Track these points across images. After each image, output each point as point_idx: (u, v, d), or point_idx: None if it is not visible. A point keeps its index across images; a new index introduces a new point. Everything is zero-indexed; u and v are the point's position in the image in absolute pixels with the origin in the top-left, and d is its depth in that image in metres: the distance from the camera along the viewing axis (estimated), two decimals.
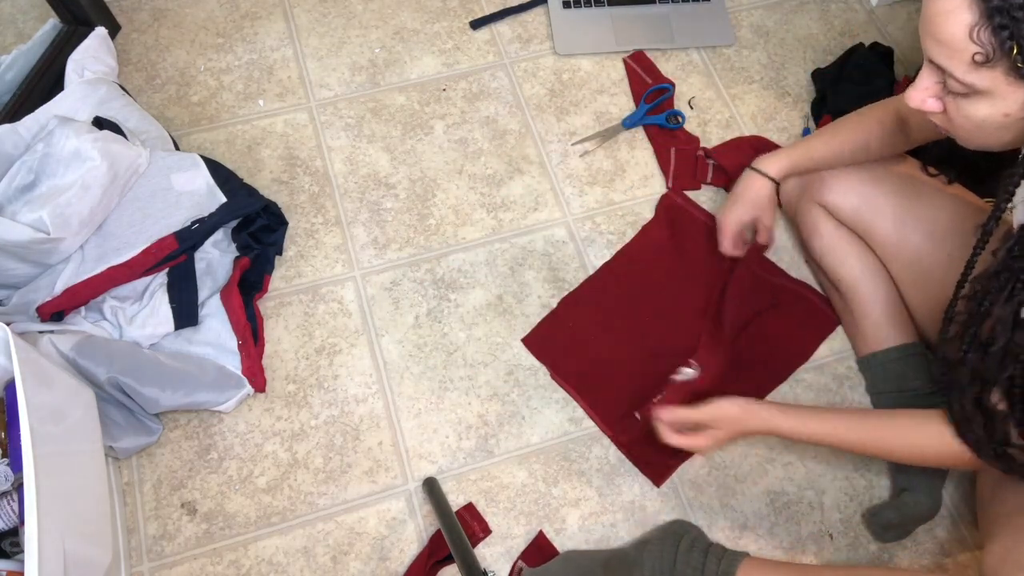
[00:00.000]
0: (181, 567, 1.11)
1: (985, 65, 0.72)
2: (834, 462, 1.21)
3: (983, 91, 0.74)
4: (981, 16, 0.69)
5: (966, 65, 0.73)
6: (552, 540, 1.14)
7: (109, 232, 1.21)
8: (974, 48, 0.71)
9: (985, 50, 0.70)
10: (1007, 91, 0.73)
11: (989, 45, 0.70)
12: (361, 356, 1.25)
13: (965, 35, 0.71)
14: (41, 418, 0.88)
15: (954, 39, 0.72)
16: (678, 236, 1.36)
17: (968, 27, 0.70)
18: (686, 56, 1.56)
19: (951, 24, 0.71)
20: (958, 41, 0.72)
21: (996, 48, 0.70)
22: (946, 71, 0.75)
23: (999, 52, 0.70)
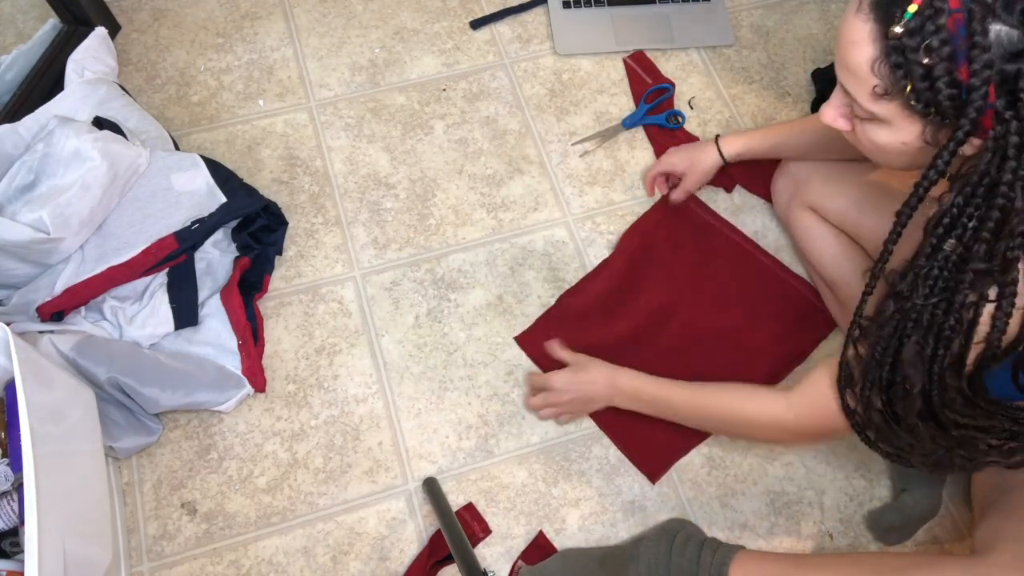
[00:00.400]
0: (181, 567, 1.11)
1: (884, 97, 0.73)
2: (834, 462, 1.21)
3: (883, 119, 0.76)
4: (881, 52, 0.70)
5: (867, 94, 0.74)
6: (552, 540, 1.14)
7: (109, 232, 1.21)
8: (874, 80, 0.72)
9: (884, 83, 0.72)
10: (903, 123, 0.74)
11: (887, 79, 0.71)
12: (361, 356, 1.25)
13: (867, 67, 0.72)
14: (41, 418, 0.88)
15: (858, 68, 0.73)
16: (675, 234, 1.35)
17: (870, 60, 0.71)
18: (686, 56, 1.56)
19: (855, 54, 0.73)
20: (861, 71, 0.73)
21: (893, 83, 0.71)
22: (851, 96, 0.77)
23: (895, 87, 0.71)
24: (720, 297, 1.30)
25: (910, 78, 0.69)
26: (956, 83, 0.66)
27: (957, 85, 0.66)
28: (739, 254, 1.34)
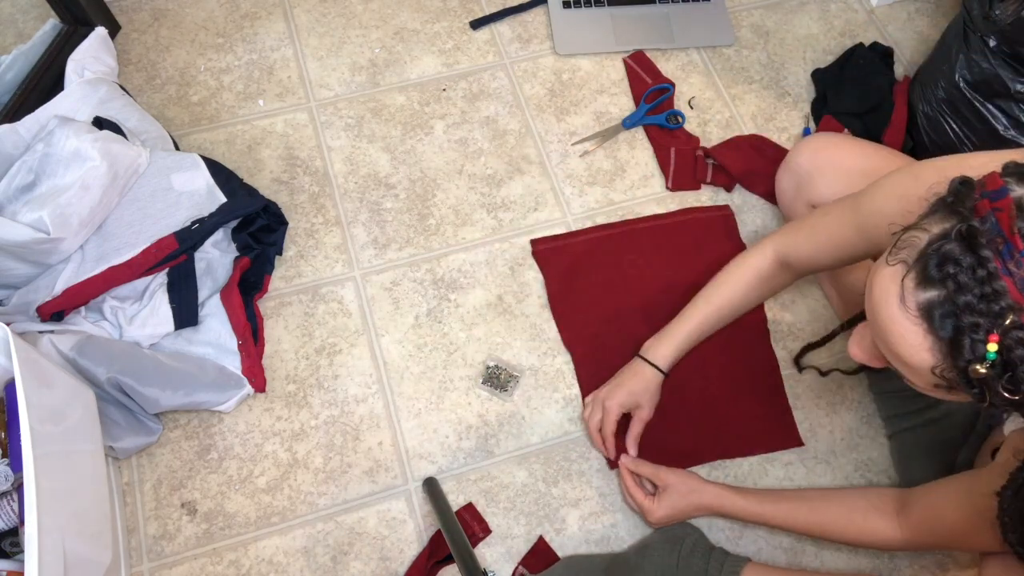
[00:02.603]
0: (181, 567, 1.11)
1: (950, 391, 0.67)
2: (834, 462, 1.21)
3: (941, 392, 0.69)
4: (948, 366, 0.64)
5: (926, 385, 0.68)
6: (552, 540, 1.14)
7: (109, 232, 1.21)
8: (937, 380, 0.66)
9: (950, 384, 0.65)
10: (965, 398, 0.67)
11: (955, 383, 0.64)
12: (361, 356, 1.25)
13: (927, 369, 0.65)
14: (41, 418, 0.88)
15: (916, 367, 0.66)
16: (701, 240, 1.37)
17: (930, 366, 0.65)
18: (686, 56, 1.56)
19: (910, 354, 0.66)
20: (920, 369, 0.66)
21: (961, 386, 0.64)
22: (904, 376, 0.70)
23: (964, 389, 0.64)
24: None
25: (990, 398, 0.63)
26: None
27: None
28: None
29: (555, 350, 1.27)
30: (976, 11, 1.24)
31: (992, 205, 0.61)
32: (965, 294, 0.60)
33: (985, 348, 0.60)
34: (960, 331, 0.61)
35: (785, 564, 1.13)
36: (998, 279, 0.59)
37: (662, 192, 1.41)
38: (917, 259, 0.64)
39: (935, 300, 0.62)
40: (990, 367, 0.60)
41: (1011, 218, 0.60)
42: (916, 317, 0.64)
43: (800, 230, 1.04)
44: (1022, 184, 0.62)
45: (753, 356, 1.28)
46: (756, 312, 1.31)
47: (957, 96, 1.31)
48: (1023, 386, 0.60)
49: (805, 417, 1.24)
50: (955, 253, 0.61)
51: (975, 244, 0.60)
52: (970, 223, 0.61)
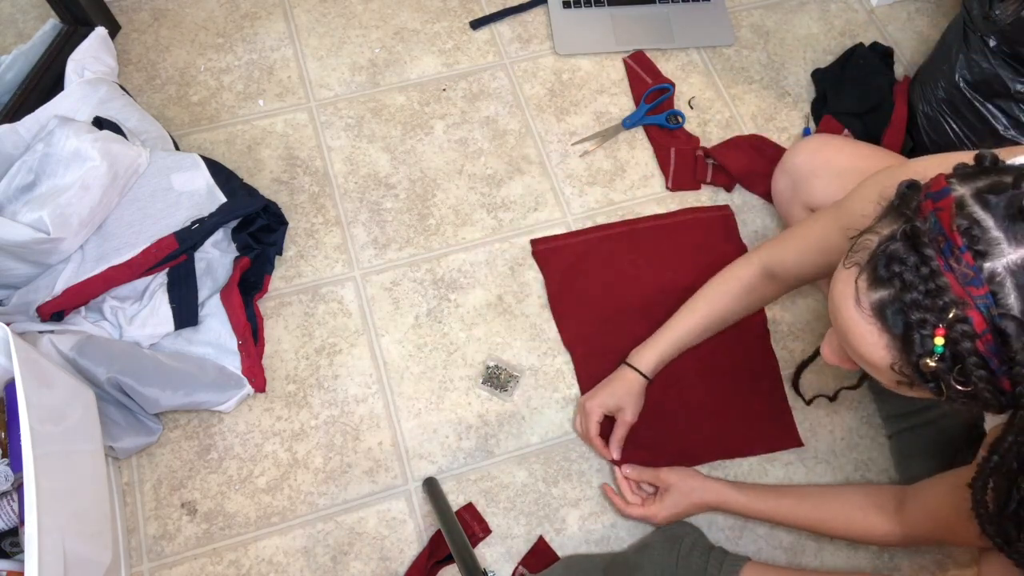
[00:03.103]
0: (181, 567, 1.11)
1: (912, 387, 0.69)
2: (834, 462, 1.21)
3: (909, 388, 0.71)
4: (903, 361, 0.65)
5: (889, 381, 0.70)
6: (552, 540, 1.14)
7: (109, 232, 1.21)
8: (898, 376, 0.68)
9: (910, 380, 0.67)
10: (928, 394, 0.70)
11: (914, 379, 0.66)
12: (361, 356, 1.25)
13: (887, 365, 0.67)
14: (41, 418, 0.88)
15: (875, 363, 0.68)
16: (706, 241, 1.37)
17: (890, 362, 0.67)
18: (686, 56, 1.56)
19: (869, 352, 0.68)
20: (879, 366, 0.68)
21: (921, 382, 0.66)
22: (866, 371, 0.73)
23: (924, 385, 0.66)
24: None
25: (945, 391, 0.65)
26: (1000, 391, 0.63)
27: (1001, 392, 0.63)
28: None
29: (555, 350, 1.27)
30: (976, 11, 1.24)
31: (935, 205, 0.63)
32: (911, 291, 0.62)
33: (933, 342, 0.62)
34: (910, 327, 0.63)
35: (785, 563, 1.13)
36: (940, 276, 0.61)
37: (662, 192, 1.41)
38: (868, 260, 0.66)
39: (886, 299, 0.65)
40: (939, 360, 0.62)
41: (951, 216, 0.62)
42: (870, 316, 0.66)
43: (786, 239, 1.05)
44: (964, 184, 0.64)
45: (753, 356, 1.28)
46: (756, 313, 1.31)
47: (957, 96, 1.31)
48: (972, 377, 0.62)
49: (805, 417, 1.24)
50: (900, 253, 0.63)
51: (918, 243, 0.62)
52: (913, 223, 0.63)
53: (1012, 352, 0.60)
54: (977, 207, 0.62)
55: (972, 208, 0.62)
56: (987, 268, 0.60)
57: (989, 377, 0.62)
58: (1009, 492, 0.70)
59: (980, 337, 0.61)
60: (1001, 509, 0.71)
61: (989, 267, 0.60)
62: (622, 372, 1.15)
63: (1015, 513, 0.70)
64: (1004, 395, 0.63)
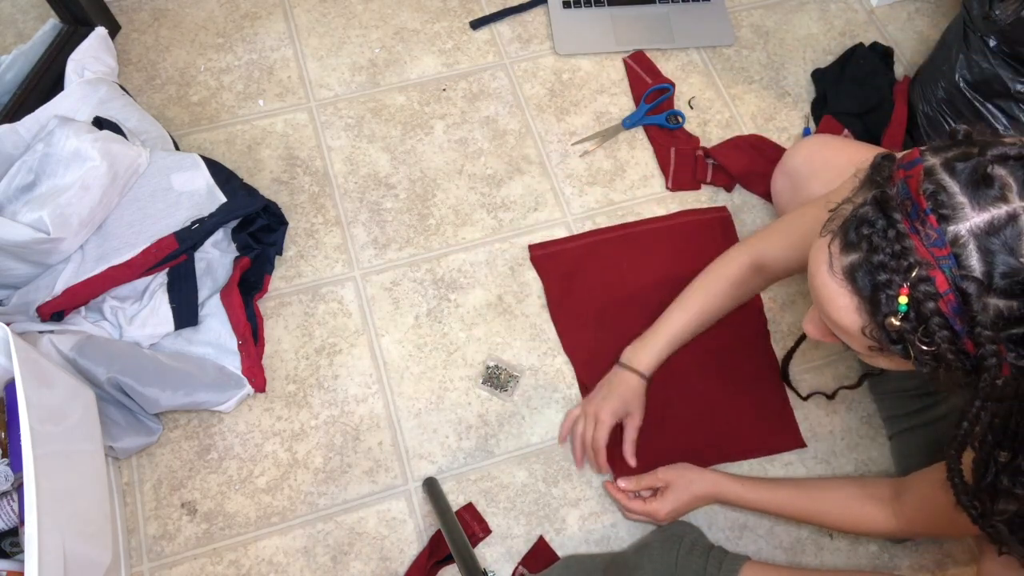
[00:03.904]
0: (181, 567, 1.11)
1: (882, 351, 0.71)
2: (834, 462, 1.21)
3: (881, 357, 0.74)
4: (872, 323, 0.68)
5: (862, 348, 0.72)
6: (552, 540, 1.14)
7: (109, 232, 1.21)
8: (869, 341, 0.70)
9: (880, 343, 0.69)
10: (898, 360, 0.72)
11: (884, 343, 0.68)
12: (361, 356, 1.25)
13: (858, 330, 0.69)
14: (41, 418, 0.88)
15: (848, 328, 0.71)
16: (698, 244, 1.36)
17: (861, 326, 0.69)
18: (686, 56, 1.56)
19: (842, 316, 0.70)
20: (851, 331, 0.70)
21: (891, 346, 0.68)
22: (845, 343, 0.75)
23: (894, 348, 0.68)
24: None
25: (912, 353, 0.67)
26: (963, 352, 0.64)
27: (965, 353, 0.65)
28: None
29: (555, 350, 1.27)
30: (976, 11, 1.24)
31: (906, 173, 0.66)
32: (878, 253, 0.65)
33: (897, 301, 0.64)
34: (877, 288, 0.66)
35: (785, 563, 1.13)
36: (906, 238, 0.64)
37: (662, 192, 1.41)
38: (840, 226, 0.69)
39: (856, 262, 0.67)
40: (903, 319, 0.65)
41: (918, 182, 0.64)
42: (842, 280, 0.69)
43: (773, 233, 1.06)
44: (936, 155, 0.66)
45: (753, 357, 1.28)
46: (756, 313, 1.31)
47: (957, 96, 1.31)
48: (935, 337, 0.64)
49: (805, 417, 1.24)
50: (869, 216, 0.66)
51: (886, 207, 0.65)
52: (884, 189, 0.66)
53: (973, 313, 0.62)
54: (944, 174, 0.64)
55: (939, 175, 0.64)
56: (951, 231, 0.62)
57: (952, 337, 0.64)
58: (986, 464, 0.71)
59: (942, 297, 0.63)
60: (978, 481, 0.73)
61: (953, 230, 0.62)
62: (623, 376, 1.15)
63: (991, 485, 0.72)
64: (968, 358, 0.65)
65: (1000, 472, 0.71)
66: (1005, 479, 0.71)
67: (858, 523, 1.01)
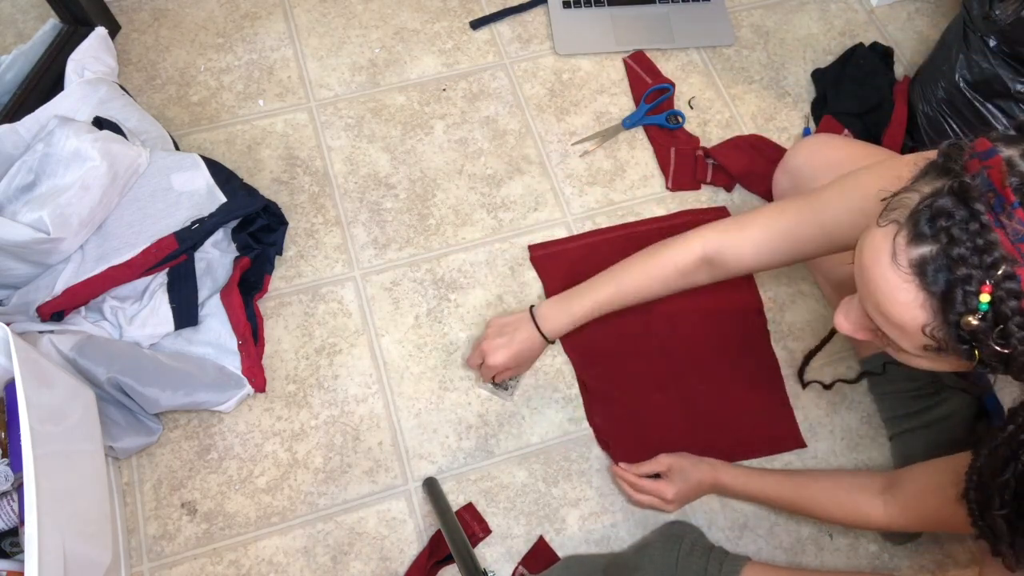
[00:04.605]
0: (181, 567, 1.11)
1: (938, 352, 0.67)
2: (834, 462, 1.21)
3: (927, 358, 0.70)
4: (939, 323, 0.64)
5: (915, 347, 0.68)
6: (552, 540, 1.14)
7: (109, 232, 1.21)
8: (927, 340, 0.66)
9: (939, 344, 0.65)
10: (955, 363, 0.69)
11: (945, 344, 0.65)
12: (361, 356, 1.25)
13: (917, 328, 0.66)
14: (41, 418, 0.88)
15: (906, 326, 0.66)
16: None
17: (921, 324, 0.65)
18: (686, 56, 1.56)
19: (901, 312, 0.66)
20: (909, 328, 0.66)
21: (952, 347, 0.64)
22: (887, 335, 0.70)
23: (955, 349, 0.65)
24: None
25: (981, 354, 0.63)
26: None
27: None
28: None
29: (555, 350, 1.27)
30: (976, 11, 1.24)
31: (982, 164, 0.62)
32: (958, 247, 0.61)
33: (978, 300, 0.60)
34: (953, 284, 0.62)
35: (785, 563, 1.13)
36: (991, 231, 0.60)
37: (662, 192, 1.41)
38: (910, 216, 0.65)
39: (928, 255, 0.63)
40: (982, 319, 0.61)
41: (1001, 173, 0.61)
42: (908, 274, 0.64)
43: (744, 228, 0.99)
44: (1010, 146, 0.63)
45: (753, 357, 1.28)
46: (756, 313, 1.31)
47: (957, 96, 1.31)
48: (1013, 339, 0.61)
49: (805, 417, 1.24)
50: (948, 207, 0.62)
51: (968, 198, 0.61)
52: (962, 179, 0.62)
53: None
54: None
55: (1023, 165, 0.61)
56: None
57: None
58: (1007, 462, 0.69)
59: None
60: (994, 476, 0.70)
61: None
62: (530, 332, 1.11)
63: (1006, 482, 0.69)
64: None
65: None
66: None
67: (846, 512, 1.01)
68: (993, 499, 0.71)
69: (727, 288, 1.32)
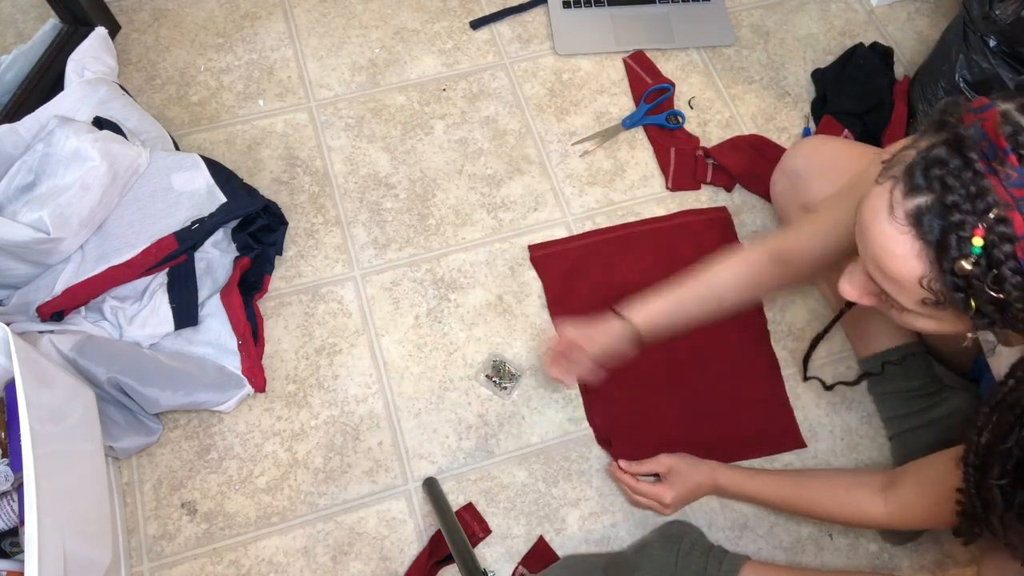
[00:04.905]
0: (181, 567, 1.11)
1: (936, 306, 0.68)
2: (834, 462, 1.21)
3: (928, 316, 0.71)
4: (935, 273, 0.65)
5: (914, 302, 0.69)
6: (552, 540, 1.14)
7: (109, 232, 1.21)
8: (925, 293, 0.67)
9: (937, 297, 0.66)
10: (955, 321, 0.70)
11: (943, 295, 0.66)
12: (361, 356, 1.25)
13: (915, 281, 0.67)
14: (41, 418, 0.88)
15: (904, 280, 0.68)
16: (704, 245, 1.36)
17: (919, 276, 0.66)
18: (686, 56, 1.56)
19: (899, 266, 0.67)
20: (907, 283, 0.67)
21: (949, 299, 0.65)
22: (888, 293, 0.71)
23: (952, 302, 0.66)
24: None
25: (976, 303, 0.64)
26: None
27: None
28: None
29: None
30: (976, 11, 1.24)
31: (978, 117, 0.64)
32: (952, 194, 0.63)
33: (971, 244, 0.62)
34: (947, 230, 0.63)
35: (785, 563, 1.13)
36: (984, 178, 0.61)
37: (662, 192, 1.41)
38: (906, 170, 0.66)
39: (923, 205, 0.64)
40: (975, 263, 0.62)
41: (996, 124, 0.62)
42: (905, 225, 0.66)
43: (798, 225, 1.03)
44: (1007, 101, 0.64)
45: (754, 358, 1.28)
46: (756, 313, 1.31)
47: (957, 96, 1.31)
48: (1007, 284, 0.62)
49: (805, 417, 1.24)
50: (943, 155, 0.63)
51: (962, 147, 0.63)
52: (957, 130, 0.64)
53: None
54: (1021, 116, 0.62)
55: (1017, 116, 0.62)
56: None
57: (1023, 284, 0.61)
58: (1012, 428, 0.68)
59: (1020, 240, 0.60)
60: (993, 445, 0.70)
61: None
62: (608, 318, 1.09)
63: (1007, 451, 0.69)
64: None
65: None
66: None
67: (847, 511, 1.00)
68: (992, 467, 0.71)
69: None
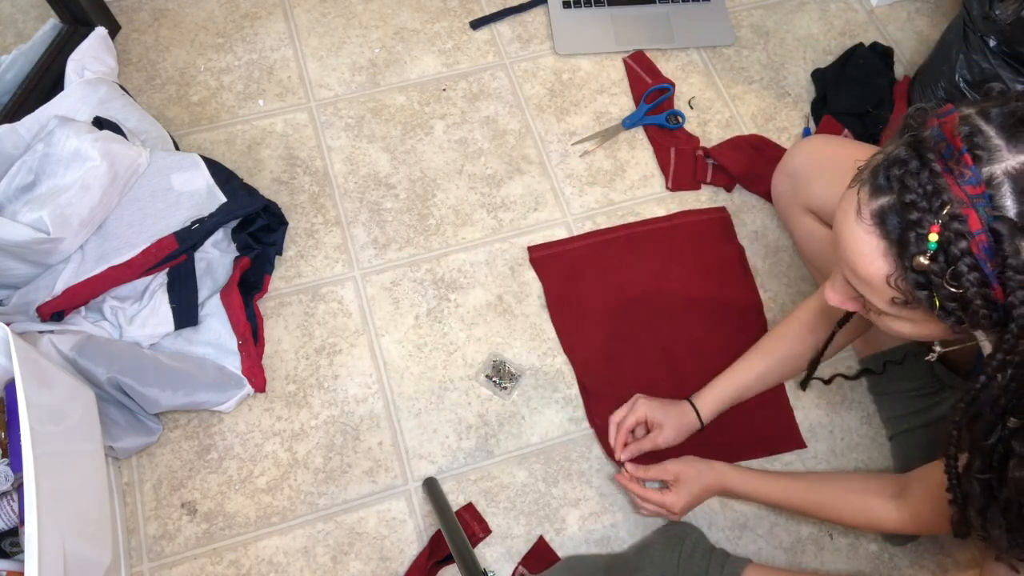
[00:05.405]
0: (181, 567, 1.11)
1: (905, 305, 0.70)
2: (835, 462, 1.21)
3: (904, 317, 0.73)
4: (899, 270, 0.67)
5: (885, 302, 0.71)
6: (552, 540, 1.14)
7: (109, 232, 1.21)
8: (893, 292, 0.69)
9: (905, 296, 0.68)
10: (928, 322, 0.71)
11: (909, 294, 0.68)
12: (361, 356, 1.25)
13: (882, 280, 0.69)
14: (41, 418, 0.88)
15: (872, 279, 0.70)
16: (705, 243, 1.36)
17: (885, 275, 0.68)
18: (686, 56, 1.56)
19: (866, 265, 0.69)
20: (875, 282, 0.70)
21: (916, 297, 0.67)
22: (865, 298, 0.74)
23: (919, 300, 0.67)
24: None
25: (938, 299, 0.66)
26: (991, 302, 0.64)
27: (993, 303, 0.64)
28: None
29: (555, 350, 1.27)
30: (976, 11, 1.24)
31: (940, 120, 0.66)
32: (910, 192, 0.65)
33: (927, 240, 0.64)
34: (906, 228, 0.65)
35: (785, 564, 1.13)
36: (939, 176, 0.64)
37: (662, 192, 1.41)
38: (871, 172, 0.69)
39: (886, 205, 0.67)
40: (932, 259, 0.64)
41: (954, 126, 0.64)
42: (870, 225, 0.68)
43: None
44: (970, 107, 0.66)
45: None
46: (756, 313, 1.31)
47: (957, 96, 1.31)
48: (964, 280, 0.63)
49: (805, 417, 1.24)
50: (902, 156, 0.66)
51: (920, 148, 0.65)
52: (916, 133, 0.66)
53: (1005, 255, 0.62)
54: (980, 119, 0.64)
55: (975, 119, 0.64)
56: (985, 171, 0.62)
57: (981, 280, 0.63)
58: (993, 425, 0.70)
59: (974, 237, 0.62)
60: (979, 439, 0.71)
61: (987, 170, 0.62)
62: (686, 406, 1.11)
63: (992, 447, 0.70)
64: (996, 308, 0.64)
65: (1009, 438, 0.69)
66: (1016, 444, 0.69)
67: (857, 516, 1.00)
68: (974, 461, 0.73)
69: (727, 288, 1.32)
